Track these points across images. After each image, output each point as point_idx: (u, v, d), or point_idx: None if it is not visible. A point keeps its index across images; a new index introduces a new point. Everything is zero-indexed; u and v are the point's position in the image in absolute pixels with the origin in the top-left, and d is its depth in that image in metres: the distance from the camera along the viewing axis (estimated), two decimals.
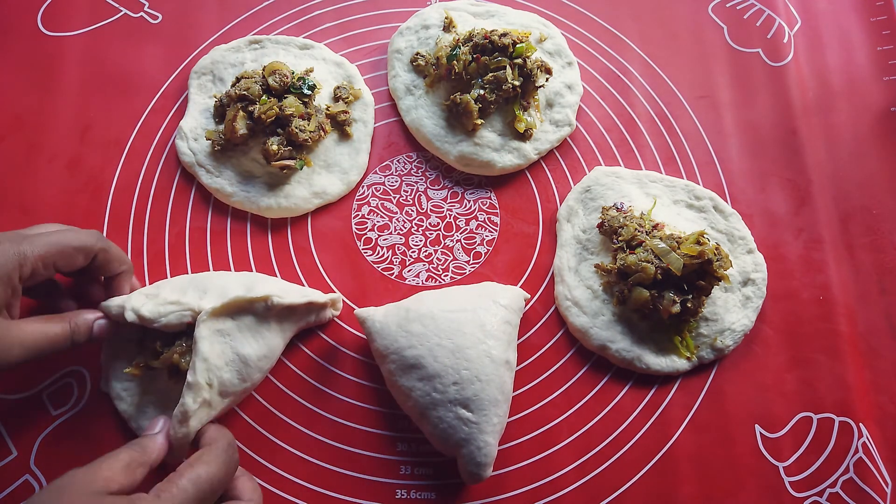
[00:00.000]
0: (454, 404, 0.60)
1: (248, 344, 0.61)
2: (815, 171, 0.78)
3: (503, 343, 0.64)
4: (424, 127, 0.76)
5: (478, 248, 0.74)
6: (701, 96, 0.82)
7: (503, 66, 0.73)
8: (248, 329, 0.62)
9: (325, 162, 0.75)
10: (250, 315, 0.62)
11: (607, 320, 0.69)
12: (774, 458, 0.67)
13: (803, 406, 0.69)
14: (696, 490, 0.65)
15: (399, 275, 0.73)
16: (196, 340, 0.57)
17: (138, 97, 0.78)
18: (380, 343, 0.64)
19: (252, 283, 0.63)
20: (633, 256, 0.67)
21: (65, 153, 0.75)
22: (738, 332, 0.70)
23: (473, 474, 0.61)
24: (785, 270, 0.74)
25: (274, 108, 0.70)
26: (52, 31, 0.80)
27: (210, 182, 0.73)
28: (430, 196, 0.76)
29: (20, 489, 0.62)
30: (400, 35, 0.81)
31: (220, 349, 0.59)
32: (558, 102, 0.78)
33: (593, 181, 0.76)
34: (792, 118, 0.80)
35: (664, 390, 0.69)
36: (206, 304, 0.59)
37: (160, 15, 0.82)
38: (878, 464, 0.67)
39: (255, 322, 0.62)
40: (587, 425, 0.67)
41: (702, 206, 0.75)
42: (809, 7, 0.87)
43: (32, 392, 0.66)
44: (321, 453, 0.66)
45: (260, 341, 0.62)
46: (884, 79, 0.83)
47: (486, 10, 0.83)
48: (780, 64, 0.83)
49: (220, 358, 0.59)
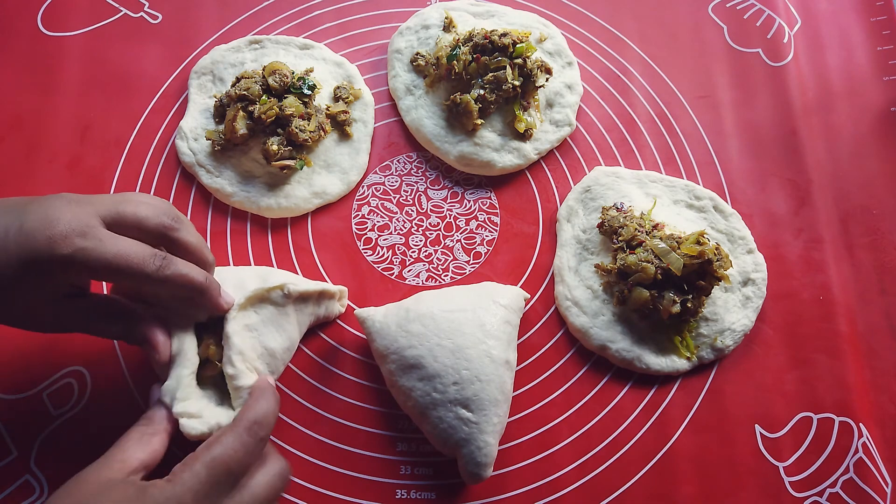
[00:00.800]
0: (454, 404, 0.60)
1: (273, 337, 0.61)
2: (815, 171, 0.78)
3: (503, 343, 0.64)
4: (424, 127, 0.76)
5: (478, 248, 0.74)
6: (701, 96, 0.82)
7: (503, 66, 0.73)
8: (271, 322, 0.61)
9: (325, 162, 0.75)
10: (270, 306, 0.62)
11: (607, 320, 0.69)
12: (774, 458, 0.67)
13: (803, 406, 0.69)
14: (696, 490, 0.65)
15: (399, 275, 0.73)
16: (229, 336, 0.57)
17: (138, 97, 0.78)
18: (380, 343, 0.64)
19: (266, 273, 0.64)
20: (633, 256, 0.67)
21: (65, 153, 0.75)
22: (738, 332, 0.70)
23: (474, 474, 0.61)
24: (785, 270, 0.74)
25: (274, 108, 0.70)
26: (52, 31, 0.80)
27: (210, 182, 0.73)
28: (430, 196, 0.76)
29: (20, 489, 0.62)
30: (400, 35, 0.81)
31: (251, 343, 0.59)
32: (558, 102, 0.78)
33: (593, 181, 0.76)
34: (792, 118, 0.80)
35: (664, 390, 0.69)
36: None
37: (160, 15, 0.82)
38: (878, 464, 0.67)
39: (276, 314, 0.62)
40: (587, 425, 0.67)
41: (702, 206, 0.75)
42: (809, 7, 0.87)
43: (32, 392, 0.66)
44: (321, 453, 0.66)
45: (283, 334, 0.62)
46: (884, 79, 0.83)
47: (486, 10, 0.83)
48: (780, 64, 0.83)
49: (252, 351, 0.59)
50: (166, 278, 0.51)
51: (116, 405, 0.66)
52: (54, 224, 0.47)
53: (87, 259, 0.47)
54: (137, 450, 0.48)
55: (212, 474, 0.46)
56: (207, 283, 0.54)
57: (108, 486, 0.45)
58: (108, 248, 0.48)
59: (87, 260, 0.47)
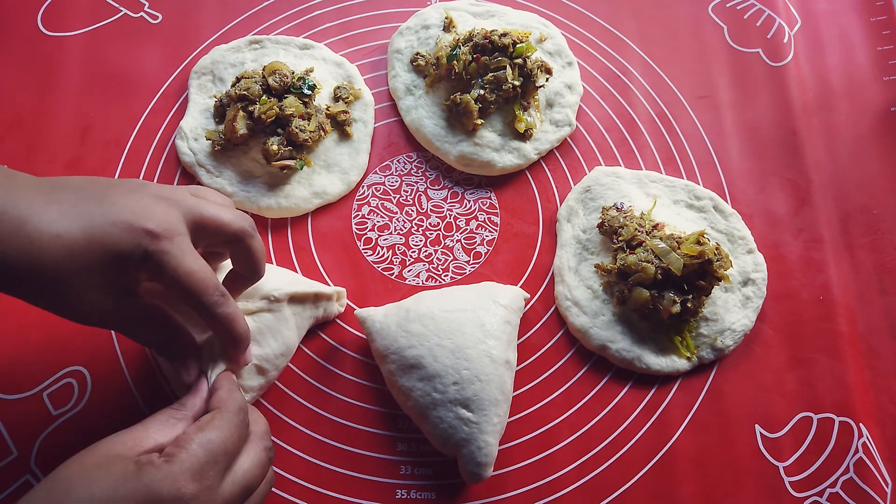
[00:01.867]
0: (454, 404, 0.60)
1: (268, 344, 0.62)
2: (815, 171, 0.78)
3: (503, 343, 0.64)
4: (424, 127, 0.76)
5: (478, 248, 0.74)
6: (701, 96, 0.82)
7: (503, 66, 0.73)
8: (268, 330, 0.62)
9: (325, 162, 0.75)
10: (268, 314, 0.62)
11: (607, 320, 0.69)
12: (774, 458, 0.67)
13: (803, 406, 0.69)
14: (696, 490, 0.65)
15: (399, 275, 0.73)
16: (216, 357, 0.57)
17: (138, 97, 0.78)
18: (380, 343, 0.64)
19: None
20: (633, 256, 0.67)
21: (65, 153, 0.75)
22: (738, 332, 0.70)
23: (474, 474, 0.61)
24: (785, 270, 0.74)
25: (274, 108, 0.70)
26: (52, 31, 0.80)
27: (210, 182, 0.73)
28: (430, 196, 0.76)
29: (20, 489, 0.62)
30: (400, 35, 0.81)
31: None
32: (558, 102, 0.78)
33: (593, 181, 0.76)
34: (792, 118, 0.80)
35: (664, 390, 0.69)
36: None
37: (160, 15, 0.82)
38: (878, 464, 0.67)
39: (274, 321, 0.62)
40: (587, 425, 0.67)
41: (702, 206, 0.75)
42: (809, 7, 0.87)
43: (32, 392, 0.66)
44: (321, 453, 0.66)
45: (279, 339, 0.62)
46: (884, 79, 0.83)
47: (486, 10, 0.83)
48: (780, 64, 0.83)
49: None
50: (217, 315, 0.51)
51: (116, 405, 0.66)
52: (147, 219, 0.47)
53: (165, 264, 0.48)
54: (159, 432, 0.48)
55: (209, 455, 0.46)
56: (245, 336, 0.55)
57: (111, 460, 0.45)
58: (188, 262, 0.49)
59: (165, 265, 0.48)
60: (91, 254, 0.46)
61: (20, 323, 0.67)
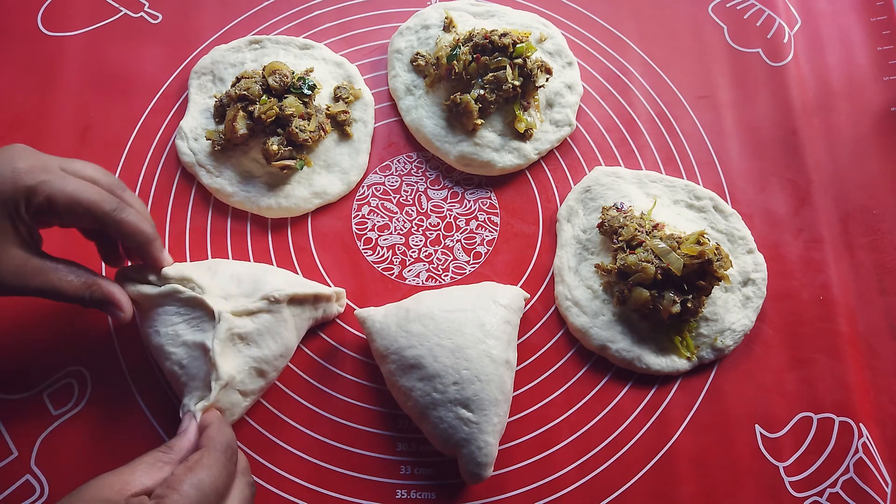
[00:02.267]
0: (454, 404, 0.60)
1: (267, 345, 0.62)
2: (815, 171, 0.78)
3: (503, 343, 0.64)
4: (424, 127, 0.76)
5: (478, 248, 0.74)
6: (701, 96, 0.82)
7: (503, 66, 0.73)
8: (267, 331, 0.62)
9: (325, 162, 0.75)
10: (267, 315, 0.62)
11: (607, 320, 0.69)
12: (774, 458, 0.67)
13: (803, 406, 0.69)
14: (696, 490, 0.65)
15: (399, 275, 0.73)
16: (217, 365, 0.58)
17: (138, 97, 0.78)
18: (380, 343, 0.64)
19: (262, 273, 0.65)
20: (634, 256, 0.67)
21: (65, 153, 0.74)
22: (738, 332, 0.70)
23: (474, 474, 0.61)
24: (785, 270, 0.74)
25: (274, 108, 0.70)
26: (52, 31, 0.80)
27: (210, 182, 0.73)
28: (430, 196, 0.76)
29: (20, 489, 0.62)
30: (400, 35, 0.81)
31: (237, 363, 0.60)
32: (558, 102, 0.78)
33: (593, 181, 0.76)
34: (792, 118, 0.80)
35: (664, 390, 0.69)
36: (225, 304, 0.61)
37: (160, 15, 0.82)
38: (878, 464, 0.67)
39: (273, 322, 0.62)
40: (587, 425, 0.67)
41: (702, 206, 0.75)
42: (809, 7, 0.87)
43: (32, 392, 0.66)
44: (321, 453, 0.66)
45: (278, 341, 0.63)
46: (884, 79, 0.83)
47: (486, 10, 0.83)
48: (780, 64, 0.83)
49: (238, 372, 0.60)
50: (122, 220, 0.56)
51: (116, 405, 0.66)
52: (17, 160, 0.52)
53: (50, 191, 0.52)
54: (146, 475, 0.48)
55: (201, 496, 0.47)
56: (154, 235, 0.59)
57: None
58: (70, 183, 0.53)
59: (51, 192, 0.52)
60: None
61: (20, 323, 0.67)
